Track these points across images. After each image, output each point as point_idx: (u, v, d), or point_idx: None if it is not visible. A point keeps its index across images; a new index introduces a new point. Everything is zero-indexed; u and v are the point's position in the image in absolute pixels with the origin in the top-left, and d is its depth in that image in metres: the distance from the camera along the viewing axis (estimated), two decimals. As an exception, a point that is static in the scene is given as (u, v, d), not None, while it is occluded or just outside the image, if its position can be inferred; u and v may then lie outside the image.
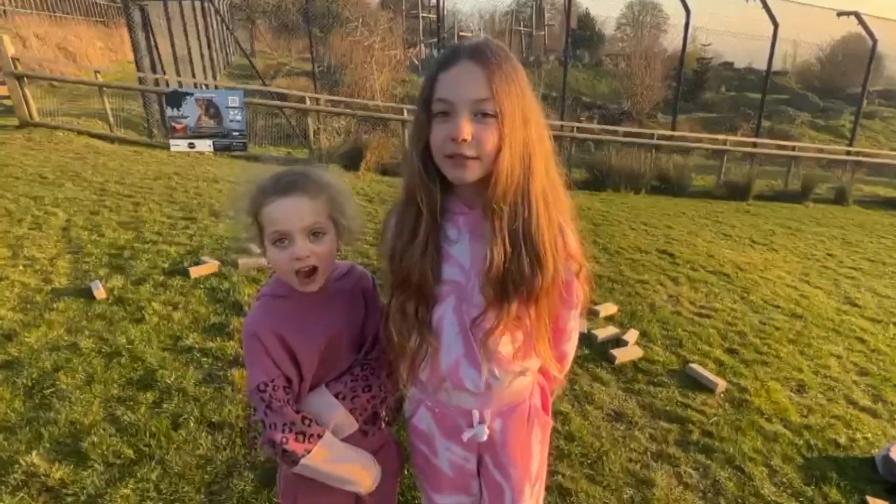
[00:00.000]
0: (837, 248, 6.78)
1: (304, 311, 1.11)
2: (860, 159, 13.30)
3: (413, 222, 1.00)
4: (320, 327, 1.11)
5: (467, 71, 0.90)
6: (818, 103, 21.30)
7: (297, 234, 1.02)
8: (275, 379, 1.06)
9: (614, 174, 10.15)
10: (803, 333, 3.71)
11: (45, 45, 13.97)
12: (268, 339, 1.06)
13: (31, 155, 6.62)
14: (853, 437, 2.61)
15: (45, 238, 3.91)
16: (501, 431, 1.13)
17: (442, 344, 1.05)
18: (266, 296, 1.13)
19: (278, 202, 1.02)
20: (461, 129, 0.89)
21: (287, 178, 1.06)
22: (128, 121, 9.81)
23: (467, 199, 1.01)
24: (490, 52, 0.91)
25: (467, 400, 1.10)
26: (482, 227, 0.98)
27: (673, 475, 2.22)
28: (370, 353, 1.16)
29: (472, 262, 1.01)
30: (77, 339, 2.71)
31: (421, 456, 1.21)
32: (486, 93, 0.89)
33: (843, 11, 14.31)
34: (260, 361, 1.06)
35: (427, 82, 0.94)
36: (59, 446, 2.04)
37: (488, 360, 1.04)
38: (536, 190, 0.96)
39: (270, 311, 1.11)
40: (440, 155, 0.93)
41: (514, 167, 0.92)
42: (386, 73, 17.50)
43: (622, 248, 5.16)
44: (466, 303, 1.02)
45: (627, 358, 3.05)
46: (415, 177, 0.97)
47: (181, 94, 8.67)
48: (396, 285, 1.04)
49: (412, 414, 1.21)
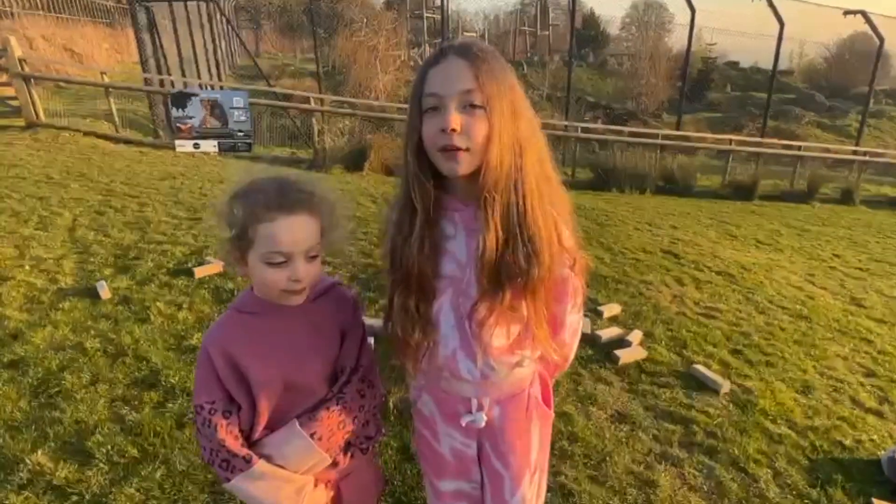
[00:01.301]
0: (844, 249, 6.73)
1: (270, 333, 1.03)
2: (867, 159, 13.19)
3: (409, 219, 1.02)
4: (285, 354, 1.03)
5: (454, 65, 0.94)
6: (824, 103, 21.20)
7: (298, 255, 0.98)
8: (216, 401, 1.00)
9: (619, 174, 10.13)
10: (809, 334, 3.68)
11: (52, 46, 14.07)
12: (217, 356, 1.00)
13: (37, 155, 6.67)
14: (859, 439, 2.59)
15: (52, 238, 3.94)
16: (500, 418, 1.16)
17: (440, 336, 1.07)
18: (233, 309, 1.06)
19: (283, 221, 0.96)
20: (450, 120, 0.92)
21: (294, 193, 0.99)
22: (133, 121, 9.87)
23: (462, 196, 1.03)
24: (476, 48, 0.96)
25: (465, 388, 1.13)
26: (476, 223, 1.00)
27: (677, 476, 2.21)
28: (346, 387, 1.09)
29: (468, 256, 1.03)
30: (82, 338, 2.73)
31: (424, 441, 1.24)
32: (473, 84, 0.92)
33: (850, 10, 14.23)
34: (204, 379, 1.01)
35: (418, 80, 0.98)
36: (64, 445, 2.05)
37: (483, 352, 1.06)
38: (530, 182, 0.97)
39: (229, 327, 1.04)
40: (433, 149, 0.96)
41: (503, 157, 0.94)
42: (390, 73, 17.54)
43: (626, 248, 5.15)
44: (463, 296, 1.05)
45: (631, 359, 3.04)
46: (409, 173, 1.00)
47: (186, 95, 8.69)
48: (397, 282, 1.06)
49: (416, 399, 1.25)
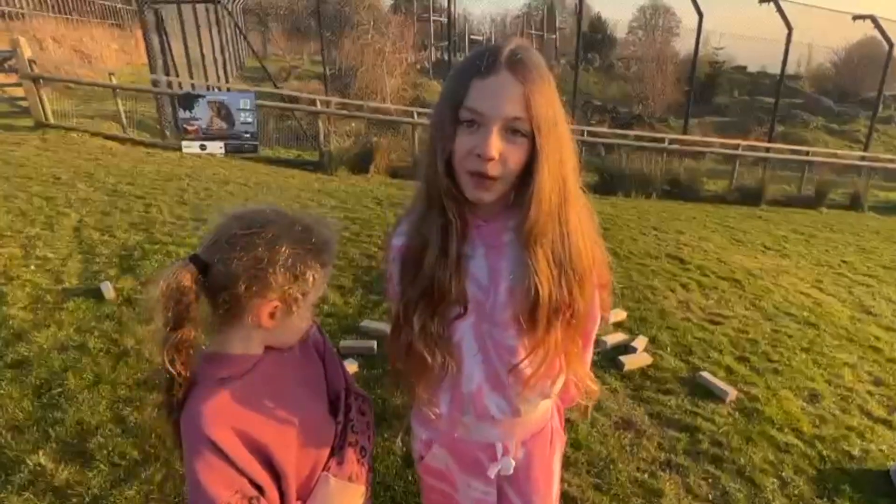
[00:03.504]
0: (852, 255, 6.67)
1: (268, 391, 0.89)
2: (875, 164, 13.10)
3: (440, 234, 0.91)
4: (293, 404, 0.91)
5: (505, 84, 0.83)
6: (833, 108, 21.08)
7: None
8: (238, 490, 0.82)
9: (625, 178, 10.09)
10: (816, 342, 3.64)
11: (62, 47, 14.20)
12: (227, 441, 0.81)
13: (45, 156, 6.70)
14: (867, 449, 2.55)
15: (57, 238, 3.95)
16: (525, 459, 1.09)
17: (463, 368, 0.98)
18: (213, 382, 0.86)
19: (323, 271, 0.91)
20: (490, 147, 0.83)
21: (320, 244, 0.90)
22: (141, 122, 9.92)
23: (482, 212, 0.94)
24: (531, 63, 0.85)
25: (489, 432, 1.04)
26: (499, 240, 0.94)
27: (681, 485, 2.18)
28: (350, 413, 1.03)
29: (491, 278, 0.95)
30: (86, 339, 2.73)
31: (438, 493, 1.15)
32: (522, 111, 0.83)
33: (859, 15, 14.17)
34: (216, 473, 0.81)
35: (458, 86, 0.85)
36: (65, 446, 2.05)
37: (516, 385, 0.98)
38: (574, 212, 0.92)
39: (223, 401, 0.85)
40: (461, 169, 0.87)
41: (552, 193, 0.87)
42: (397, 76, 17.59)
43: (632, 252, 5.11)
44: (487, 322, 0.96)
45: (636, 365, 3.01)
46: (441, 186, 0.89)
47: (193, 97, 8.76)
48: (416, 300, 0.95)
49: (422, 454, 1.13)
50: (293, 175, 8.26)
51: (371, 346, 2.87)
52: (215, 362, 0.88)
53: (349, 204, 6.01)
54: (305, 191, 6.63)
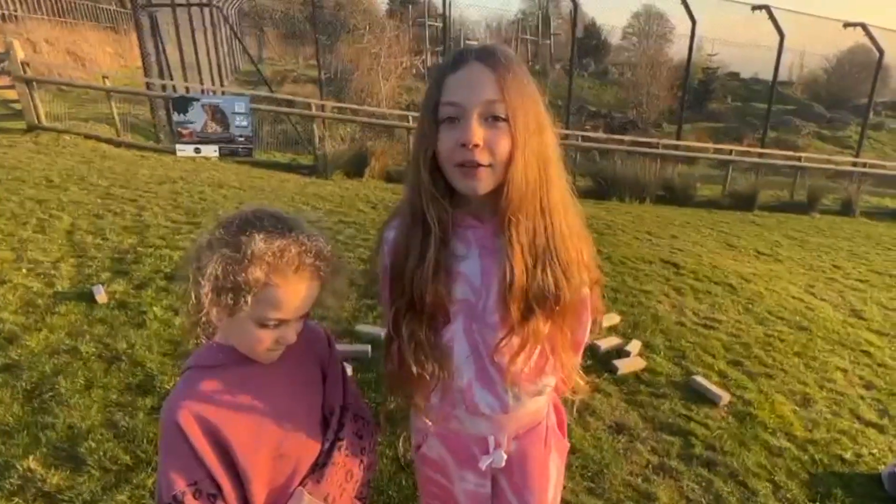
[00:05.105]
0: (844, 260, 6.72)
1: (248, 388, 0.88)
2: (867, 170, 13.21)
3: (421, 240, 0.92)
4: (271, 409, 0.90)
5: (476, 72, 0.85)
6: (824, 114, 21.24)
7: (294, 320, 0.90)
8: (198, 481, 0.81)
9: (619, 183, 10.13)
10: (809, 346, 3.67)
11: (56, 49, 14.14)
12: (191, 427, 0.82)
13: (38, 158, 6.67)
14: (859, 453, 2.57)
15: (49, 241, 3.93)
16: (518, 453, 1.09)
17: (454, 368, 0.98)
18: (195, 369, 0.89)
19: (292, 287, 0.84)
20: (472, 133, 0.83)
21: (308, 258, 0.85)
22: (135, 125, 9.88)
23: (477, 212, 0.94)
24: (500, 53, 0.88)
25: (482, 426, 1.04)
26: (494, 242, 0.93)
27: (675, 489, 2.19)
28: (341, 432, 0.99)
29: (483, 279, 0.95)
30: (78, 343, 2.71)
31: (434, 484, 1.15)
32: (497, 94, 0.84)
33: (850, 23, 14.30)
34: (179, 459, 0.81)
35: (433, 86, 0.89)
36: (56, 451, 2.03)
37: (503, 381, 0.98)
38: (555, 199, 0.91)
39: (198, 389, 0.86)
40: (449, 164, 0.87)
41: (528, 175, 0.87)
42: (392, 80, 17.60)
43: (626, 257, 5.13)
44: (478, 323, 0.96)
45: (630, 369, 3.02)
46: (422, 191, 0.90)
47: (188, 100, 8.73)
48: (402, 310, 0.95)
49: (419, 444, 1.14)
50: (288, 179, 8.24)
51: (365, 350, 2.86)
52: (200, 352, 0.91)
53: (344, 208, 6.01)
54: (300, 195, 6.62)
